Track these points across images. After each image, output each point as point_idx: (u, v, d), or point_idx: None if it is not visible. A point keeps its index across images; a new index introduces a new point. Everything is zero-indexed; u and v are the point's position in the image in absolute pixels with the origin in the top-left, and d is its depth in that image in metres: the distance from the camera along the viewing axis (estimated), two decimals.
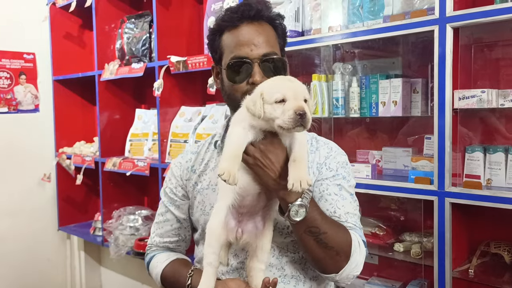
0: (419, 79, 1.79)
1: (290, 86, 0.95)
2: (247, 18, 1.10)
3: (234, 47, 1.10)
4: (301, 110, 0.90)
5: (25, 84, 3.24)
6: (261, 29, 1.11)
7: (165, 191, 1.28)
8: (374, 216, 2.07)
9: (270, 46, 1.10)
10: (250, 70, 1.08)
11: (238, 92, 1.10)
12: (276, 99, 0.92)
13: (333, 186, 1.12)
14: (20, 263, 3.24)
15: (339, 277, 1.04)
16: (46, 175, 3.29)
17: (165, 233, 1.29)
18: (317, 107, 1.98)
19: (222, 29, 1.13)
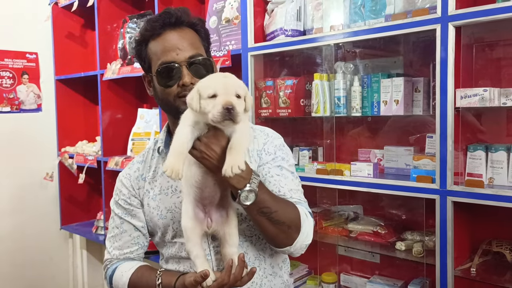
0: (421, 78, 1.80)
1: (222, 81, 1.00)
2: (168, 25, 1.17)
3: (160, 54, 1.16)
4: (228, 105, 0.95)
5: (27, 84, 3.25)
6: (183, 34, 1.18)
7: (119, 203, 1.29)
8: (376, 215, 2.08)
9: (194, 48, 1.17)
10: (179, 73, 1.14)
11: (171, 95, 1.16)
12: (208, 94, 0.97)
13: (274, 168, 1.19)
14: (22, 262, 3.25)
15: (293, 249, 1.13)
16: (48, 174, 3.30)
17: (123, 244, 1.29)
18: (318, 106, 1.99)
19: (147, 38, 1.19)
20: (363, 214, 2.14)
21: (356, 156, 2.06)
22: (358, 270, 2.15)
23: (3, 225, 3.14)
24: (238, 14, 2.23)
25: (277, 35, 2.07)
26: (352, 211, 2.14)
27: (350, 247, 2.06)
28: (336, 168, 1.93)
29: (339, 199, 2.09)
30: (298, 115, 2.09)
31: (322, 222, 2.11)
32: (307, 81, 2.10)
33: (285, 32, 2.04)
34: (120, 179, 1.31)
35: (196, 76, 1.14)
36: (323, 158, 2.18)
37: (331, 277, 2.09)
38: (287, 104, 2.08)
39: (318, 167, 1.98)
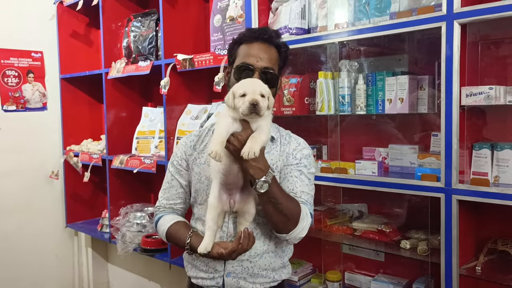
0: (426, 76, 1.79)
1: (250, 84, 1.28)
2: (261, 39, 1.44)
3: (245, 55, 1.43)
4: (254, 102, 1.22)
5: (33, 83, 3.27)
6: (268, 49, 1.44)
7: (173, 163, 1.58)
8: (380, 213, 2.07)
9: (271, 63, 1.43)
10: (252, 75, 1.40)
11: None
12: (240, 94, 1.25)
13: (295, 171, 1.44)
14: (28, 259, 3.27)
15: (288, 237, 1.37)
16: (54, 173, 3.31)
17: (170, 196, 1.58)
18: (323, 104, 1.98)
19: (241, 41, 1.47)
20: (368, 213, 2.14)
21: (360, 155, 2.06)
22: (363, 268, 2.14)
23: (9, 223, 3.17)
24: (242, 12, 2.23)
25: (281, 33, 2.06)
26: (356, 209, 2.14)
27: (354, 246, 2.06)
28: (340, 166, 1.92)
29: (344, 197, 2.09)
30: (303, 113, 2.09)
31: (326, 221, 2.11)
32: (311, 80, 2.10)
33: (289, 30, 2.04)
34: (178, 145, 1.63)
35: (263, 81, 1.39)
36: (327, 156, 2.17)
37: (336, 275, 2.09)
38: (292, 103, 2.08)
39: (322, 165, 1.98)
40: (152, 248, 2.62)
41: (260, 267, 1.44)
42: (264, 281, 1.45)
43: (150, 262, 3.08)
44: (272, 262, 1.46)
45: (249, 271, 1.43)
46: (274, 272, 1.47)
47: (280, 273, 1.50)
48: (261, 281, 1.45)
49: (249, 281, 1.44)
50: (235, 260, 1.40)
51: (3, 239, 3.14)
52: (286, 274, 1.53)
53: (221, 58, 2.20)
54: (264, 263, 1.45)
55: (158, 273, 3.13)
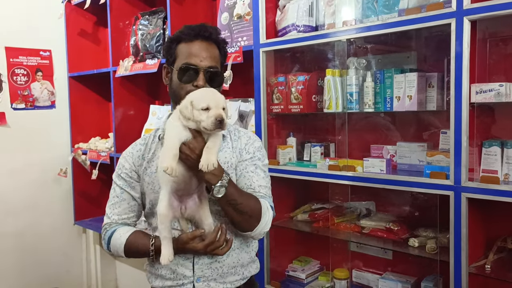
0: (435, 73, 1.78)
1: (213, 97, 1.25)
2: (201, 36, 1.41)
3: (187, 56, 1.39)
4: (220, 118, 1.21)
5: (41, 81, 3.29)
6: (210, 47, 1.42)
7: (121, 176, 1.50)
8: (389, 211, 2.07)
9: (214, 61, 1.41)
10: (196, 76, 1.38)
11: (183, 90, 1.37)
12: (202, 107, 1.22)
13: (250, 165, 1.44)
14: (37, 256, 3.30)
15: (253, 234, 1.38)
16: (62, 170, 3.34)
17: (122, 211, 1.49)
18: (331, 102, 1.98)
19: (180, 39, 1.43)
20: (376, 210, 2.13)
21: (368, 152, 2.05)
22: (370, 266, 2.14)
23: (18, 220, 3.20)
24: (249, 10, 2.23)
25: (289, 31, 2.07)
26: (364, 207, 2.13)
27: (362, 243, 2.05)
28: (348, 164, 1.92)
29: (351, 195, 2.08)
30: (310, 111, 2.09)
31: (334, 218, 2.10)
32: (319, 77, 2.09)
33: (297, 28, 2.03)
34: (123, 156, 1.52)
35: (209, 82, 1.39)
36: (335, 154, 2.17)
37: (343, 273, 2.09)
38: (299, 100, 2.08)
39: (330, 163, 1.98)
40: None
41: (229, 265, 1.42)
42: (234, 279, 1.43)
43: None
44: (240, 259, 1.44)
45: (218, 271, 1.40)
46: (244, 268, 1.46)
47: (249, 268, 1.48)
48: (232, 280, 1.42)
49: (219, 281, 1.41)
50: (204, 263, 1.39)
51: (13, 236, 3.17)
52: (255, 269, 1.51)
53: (228, 56, 2.20)
54: (232, 260, 1.42)
55: None
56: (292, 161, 2.19)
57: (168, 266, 1.41)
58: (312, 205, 2.28)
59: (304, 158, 2.20)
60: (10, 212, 3.16)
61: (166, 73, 1.49)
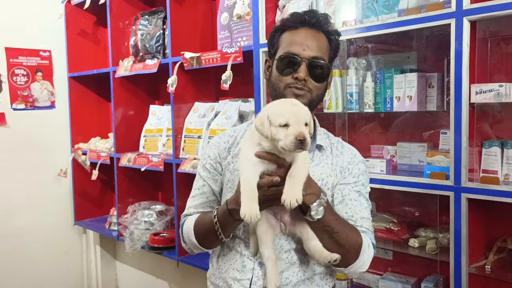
0: (435, 74, 1.77)
1: (293, 111, 1.04)
2: (308, 24, 1.24)
3: (289, 44, 1.23)
4: (301, 136, 1.00)
5: (41, 81, 3.30)
6: (316, 36, 1.24)
7: (205, 167, 1.36)
8: (389, 211, 2.06)
9: (320, 51, 1.23)
10: (298, 66, 1.21)
11: (282, 83, 1.23)
12: (280, 123, 1.02)
13: (353, 192, 1.24)
14: (37, 256, 3.30)
15: (347, 271, 1.20)
16: (62, 171, 3.34)
17: (200, 204, 1.36)
18: (331, 102, 1.98)
19: (285, 28, 1.27)
20: (376, 211, 2.13)
21: (368, 153, 2.05)
22: (371, 267, 2.09)
23: (18, 220, 3.20)
24: (249, 10, 2.23)
25: None
26: None
27: None
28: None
29: None
30: None
31: None
32: None
33: None
34: (210, 146, 1.38)
35: (311, 75, 1.22)
36: None
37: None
38: None
39: None
40: (160, 246, 2.64)
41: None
42: None
43: (158, 259, 3.09)
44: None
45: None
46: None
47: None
48: None
49: None
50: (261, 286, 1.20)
51: (13, 236, 3.17)
52: None
53: (228, 56, 2.20)
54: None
55: (165, 270, 3.15)
56: None
57: (225, 279, 1.25)
58: None
59: None
60: (10, 212, 3.16)
61: (267, 67, 1.33)
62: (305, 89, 1.22)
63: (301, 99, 1.19)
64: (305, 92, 1.22)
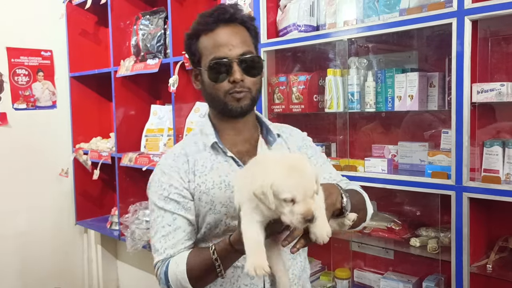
0: (436, 73, 1.78)
1: (300, 184, 0.92)
2: (222, 21, 1.18)
3: (212, 49, 1.17)
4: (309, 216, 0.91)
5: (42, 81, 3.30)
6: (236, 31, 1.19)
7: (170, 198, 1.19)
8: (390, 211, 2.06)
9: (246, 46, 1.19)
10: (230, 69, 1.16)
11: (220, 91, 1.18)
12: (285, 199, 0.91)
13: (320, 158, 1.35)
14: (38, 256, 3.31)
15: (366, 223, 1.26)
16: (63, 170, 3.34)
17: (178, 242, 1.18)
18: (332, 101, 1.98)
19: (199, 33, 1.21)
20: (377, 210, 2.13)
21: (370, 152, 2.05)
22: (372, 266, 2.14)
23: (19, 220, 3.20)
24: (250, 10, 2.23)
25: (290, 30, 2.06)
26: None
27: (363, 243, 2.05)
28: (349, 164, 1.92)
29: None
30: (311, 111, 2.09)
31: None
32: (320, 77, 2.09)
33: (298, 28, 2.03)
34: (165, 172, 1.21)
35: (246, 73, 1.17)
36: (336, 154, 2.17)
37: (345, 273, 2.09)
38: (300, 100, 2.07)
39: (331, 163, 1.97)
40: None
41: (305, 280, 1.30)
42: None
43: None
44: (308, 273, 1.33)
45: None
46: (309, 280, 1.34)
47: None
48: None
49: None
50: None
51: (14, 236, 3.18)
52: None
53: None
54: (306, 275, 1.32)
55: None
56: None
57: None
58: None
59: None
60: (12, 212, 3.16)
61: (195, 77, 1.27)
62: (245, 90, 1.18)
63: (244, 101, 1.18)
64: (245, 93, 1.19)
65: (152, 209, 1.22)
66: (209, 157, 1.23)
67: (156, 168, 1.24)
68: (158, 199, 1.20)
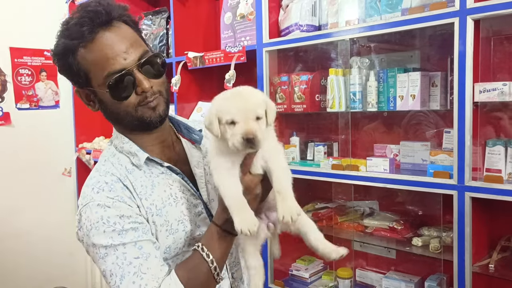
0: (438, 73, 1.77)
1: (240, 105, 0.91)
2: (98, 25, 0.99)
3: (102, 63, 0.98)
4: (249, 135, 0.88)
5: (45, 81, 3.31)
6: (119, 32, 1.01)
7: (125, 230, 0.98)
8: (392, 210, 2.07)
9: (138, 45, 1.03)
10: (133, 79, 1.00)
11: (129, 107, 1.03)
12: (227, 121, 0.91)
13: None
14: (41, 256, 3.32)
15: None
16: (66, 170, 3.36)
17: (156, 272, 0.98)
18: (334, 101, 1.98)
19: (73, 48, 1.00)
20: (379, 210, 2.13)
21: (371, 152, 2.05)
22: (374, 265, 2.14)
23: (22, 220, 3.21)
24: (253, 10, 2.24)
25: (292, 30, 2.07)
26: (367, 206, 2.13)
27: (365, 243, 2.06)
28: (351, 163, 1.92)
29: (355, 194, 2.08)
30: (313, 110, 2.09)
31: (337, 218, 2.10)
32: (322, 77, 2.10)
33: (300, 28, 2.03)
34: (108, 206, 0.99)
35: (152, 76, 1.03)
36: (338, 153, 2.17)
37: (347, 272, 2.09)
38: (302, 100, 2.08)
39: (333, 163, 1.98)
40: None
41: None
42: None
43: None
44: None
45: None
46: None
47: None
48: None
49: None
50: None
51: (17, 236, 3.19)
52: None
53: (231, 55, 2.20)
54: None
55: None
56: (296, 161, 2.19)
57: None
58: (316, 205, 2.28)
59: (307, 157, 2.20)
60: (14, 211, 3.17)
61: (87, 99, 1.09)
62: (156, 95, 1.04)
63: (160, 107, 1.05)
64: (158, 97, 1.04)
65: (102, 257, 0.98)
66: (144, 175, 1.06)
67: (88, 208, 1.00)
68: (109, 238, 0.97)
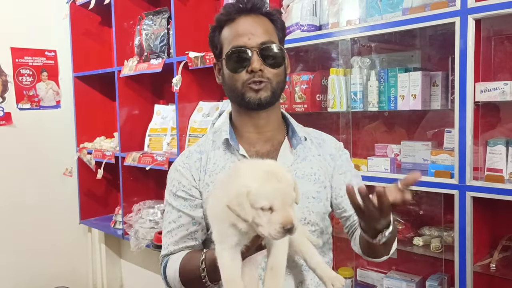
0: (439, 72, 1.77)
1: (278, 190, 0.84)
2: (244, 11, 1.14)
3: (232, 38, 1.13)
4: (289, 224, 0.82)
5: (46, 81, 3.32)
6: (258, 20, 1.14)
7: (177, 195, 1.17)
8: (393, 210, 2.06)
9: (267, 35, 1.13)
10: (249, 58, 1.11)
11: (239, 82, 1.13)
12: (262, 207, 0.83)
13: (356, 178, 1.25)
14: (43, 255, 3.32)
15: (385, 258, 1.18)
16: (67, 170, 3.36)
17: (180, 239, 1.18)
18: (335, 101, 1.98)
19: (222, 24, 1.17)
20: None
21: (372, 151, 2.05)
22: (375, 265, 2.14)
23: (24, 219, 3.22)
24: None
25: (292, 30, 2.07)
26: None
27: None
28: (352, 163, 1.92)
29: None
30: (314, 110, 2.09)
31: None
32: (323, 76, 2.09)
33: (301, 27, 2.03)
34: (177, 169, 1.20)
35: (266, 63, 1.12)
36: None
37: (348, 272, 2.09)
38: (303, 100, 2.08)
39: None
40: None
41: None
42: None
43: None
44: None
45: None
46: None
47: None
48: None
49: None
50: None
51: (18, 235, 3.20)
52: None
53: None
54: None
55: None
56: None
57: None
58: None
59: None
60: (16, 211, 3.18)
61: (218, 71, 1.23)
62: (264, 81, 1.12)
63: (263, 92, 1.12)
64: (265, 83, 1.12)
65: (165, 204, 1.23)
66: (223, 155, 1.18)
67: (173, 164, 1.24)
68: (168, 195, 1.20)
